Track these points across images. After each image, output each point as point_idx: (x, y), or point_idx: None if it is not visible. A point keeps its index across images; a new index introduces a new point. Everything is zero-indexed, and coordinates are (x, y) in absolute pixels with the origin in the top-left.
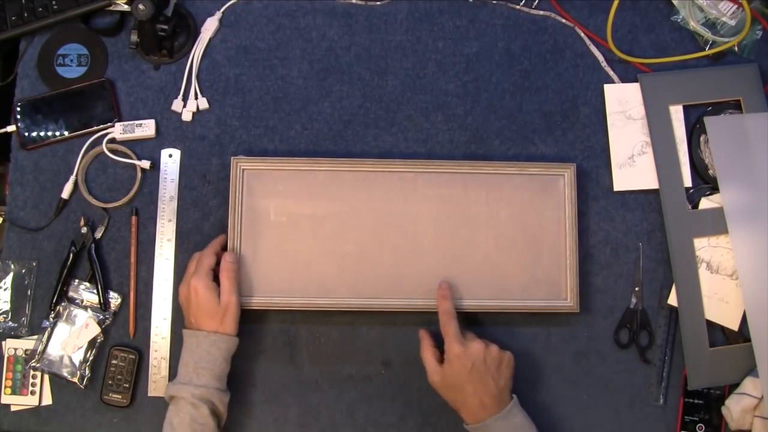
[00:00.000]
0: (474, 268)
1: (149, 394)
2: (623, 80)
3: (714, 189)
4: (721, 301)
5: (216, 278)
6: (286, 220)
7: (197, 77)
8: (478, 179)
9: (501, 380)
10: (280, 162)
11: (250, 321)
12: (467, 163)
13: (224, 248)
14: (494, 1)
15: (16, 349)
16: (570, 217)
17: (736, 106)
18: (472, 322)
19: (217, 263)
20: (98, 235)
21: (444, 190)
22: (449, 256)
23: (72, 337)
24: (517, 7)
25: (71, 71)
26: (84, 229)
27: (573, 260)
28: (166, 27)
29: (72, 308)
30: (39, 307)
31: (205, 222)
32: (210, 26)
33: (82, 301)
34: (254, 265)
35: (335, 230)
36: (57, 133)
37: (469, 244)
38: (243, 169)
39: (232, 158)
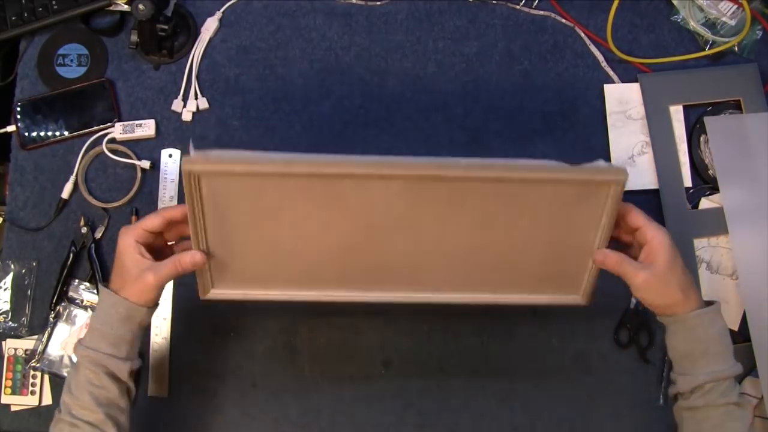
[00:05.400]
0: (476, 261)
1: (149, 395)
2: (623, 80)
3: (714, 189)
4: (721, 301)
5: (154, 251)
6: (280, 216)
7: (197, 77)
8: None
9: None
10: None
11: (250, 321)
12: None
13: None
14: (494, 1)
15: (16, 349)
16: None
17: (736, 106)
18: (473, 321)
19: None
20: (98, 235)
21: None
22: (450, 250)
23: (72, 337)
24: (517, 7)
25: (71, 71)
26: (84, 229)
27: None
28: (166, 27)
29: (72, 308)
30: (39, 307)
31: None
32: (210, 26)
33: (82, 301)
34: (255, 260)
35: (334, 229)
36: (57, 133)
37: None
38: None
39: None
